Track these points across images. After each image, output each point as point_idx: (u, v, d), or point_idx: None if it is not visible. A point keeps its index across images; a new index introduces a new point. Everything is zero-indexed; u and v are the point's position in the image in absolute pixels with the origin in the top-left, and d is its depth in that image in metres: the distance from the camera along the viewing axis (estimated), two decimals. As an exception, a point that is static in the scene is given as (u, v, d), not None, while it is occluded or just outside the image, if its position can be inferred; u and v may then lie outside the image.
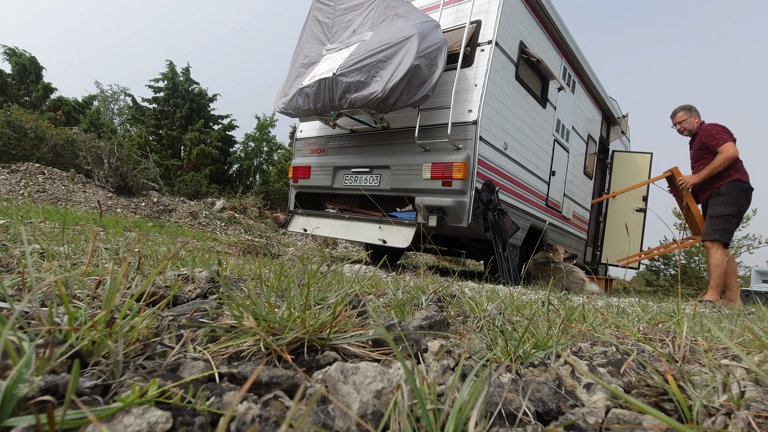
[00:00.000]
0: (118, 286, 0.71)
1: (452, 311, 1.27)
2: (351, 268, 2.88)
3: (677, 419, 0.60)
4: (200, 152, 17.82)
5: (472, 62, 4.09)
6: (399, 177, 4.25)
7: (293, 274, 1.18)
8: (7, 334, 0.44)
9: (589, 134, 6.69)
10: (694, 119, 4.43)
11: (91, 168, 9.12)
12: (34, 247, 1.54)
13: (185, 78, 19.77)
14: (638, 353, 0.86)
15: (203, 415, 0.47)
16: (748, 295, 7.67)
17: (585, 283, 4.35)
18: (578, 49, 5.58)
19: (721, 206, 4.20)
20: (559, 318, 1.11)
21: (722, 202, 4.21)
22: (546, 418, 0.59)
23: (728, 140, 4.15)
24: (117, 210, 7.64)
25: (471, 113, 3.91)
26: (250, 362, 0.66)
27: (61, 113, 16.73)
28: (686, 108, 4.48)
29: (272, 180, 18.26)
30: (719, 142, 4.17)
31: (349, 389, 0.53)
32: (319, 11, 4.62)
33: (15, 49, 17.77)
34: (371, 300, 1.29)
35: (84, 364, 0.55)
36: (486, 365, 0.76)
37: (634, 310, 1.76)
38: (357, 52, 3.86)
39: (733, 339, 1.12)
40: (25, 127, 9.40)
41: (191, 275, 1.29)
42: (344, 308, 0.85)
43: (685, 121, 4.43)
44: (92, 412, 0.41)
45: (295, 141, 5.52)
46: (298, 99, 4.23)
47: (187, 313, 0.88)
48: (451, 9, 4.49)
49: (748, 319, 1.82)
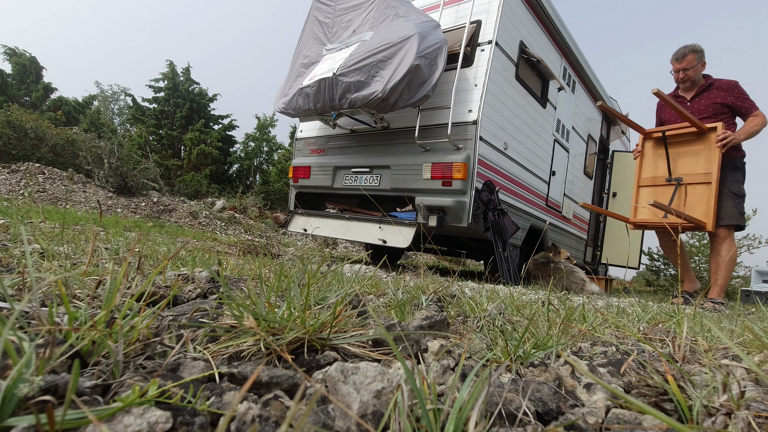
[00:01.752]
0: (118, 286, 0.71)
1: (452, 311, 1.27)
2: (351, 268, 2.88)
3: (677, 419, 0.60)
4: (200, 152, 17.82)
5: (472, 62, 4.09)
6: (399, 177, 4.25)
7: (293, 274, 1.18)
8: (7, 334, 0.44)
9: (590, 134, 6.69)
10: (702, 67, 3.68)
11: (91, 168, 9.12)
12: (34, 247, 1.54)
13: (185, 78, 19.78)
14: (638, 353, 0.86)
15: (203, 415, 0.47)
16: (748, 295, 7.66)
17: (585, 283, 4.35)
18: (578, 48, 5.58)
19: (741, 184, 3.51)
20: (559, 318, 1.11)
21: (742, 180, 3.54)
22: (546, 418, 0.59)
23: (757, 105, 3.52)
24: (117, 210, 7.64)
25: (471, 113, 3.91)
26: (250, 362, 0.66)
27: (61, 113, 16.74)
28: (697, 50, 3.62)
29: (272, 180, 18.26)
30: (754, 105, 3.50)
31: (349, 389, 0.53)
32: (319, 11, 4.62)
33: (15, 49, 17.78)
34: (371, 300, 1.29)
35: (84, 364, 0.55)
36: (486, 365, 0.76)
37: (634, 310, 1.76)
38: (357, 52, 3.87)
39: (733, 339, 1.12)
40: (25, 127, 9.40)
41: (191, 275, 1.29)
42: (344, 308, 0.85)
43: (693, 69, 3.63)
44: (92, 412, 0.41)
45: (295, 141, 5.52)
46: (298, 99, 4.24)
47: (187, 313, 0.88)
48: (451, 9, 4.49)
49: (748, 319, 1.82)
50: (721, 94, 3.57)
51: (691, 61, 3.61)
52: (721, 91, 3.57)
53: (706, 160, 3.42)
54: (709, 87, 3.65)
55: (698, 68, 3.65)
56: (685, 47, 3.64)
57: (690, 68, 3.63)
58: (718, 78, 3.65)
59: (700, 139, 3.54)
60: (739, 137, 3.39)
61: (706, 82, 3.67)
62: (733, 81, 3.57)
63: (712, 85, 3.64)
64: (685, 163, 3.60)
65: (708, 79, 3.68)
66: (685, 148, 3.63)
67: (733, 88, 3.56)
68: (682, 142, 3.67)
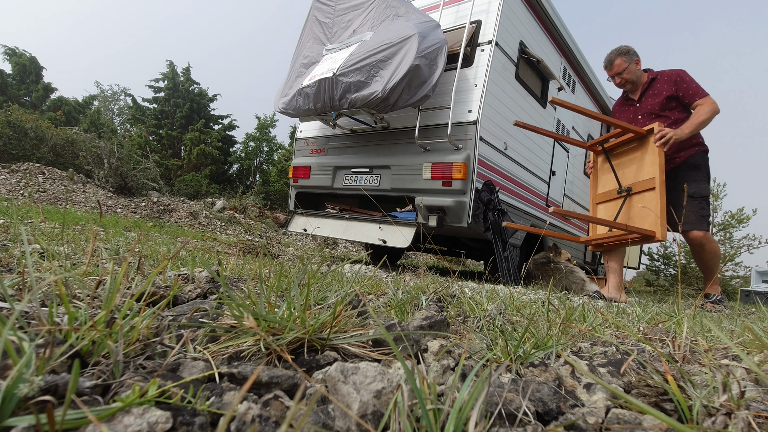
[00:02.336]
0: (118, 286, 0.71)
1: (452, 311, 1.27)
2: (351, 268, 2.88)
3: (677, 419, 0.60)
4: (200, 152, 17.83)
5: (472, 62, 4.09)
6: (399, 177, 4.25)
7: (293, 274, 1.18)
8: (7, 334, 0.44)
9: (589, 134, 6.70)
10: (636, 66, 3.42)
11: (91, 168, 9.13)
12: (34, 247, 1.54)
13: (185, 78, 19.79)
14: (638, 353, 0.86)
15: (203, 415, 0.47)
16: (748, 295, 7.67)
17: (585, 283, 4.35)
18: (578, 48, 5.58)
19: (703, 184, 3.30)
20: (559, 318, 1.11)
21: (702, 179, 3.30)
22: (546, 418, 0.59)
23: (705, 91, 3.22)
24: (117, 210, 7.64)
25: (471, 113, 3.91)
26: (250, 362, 0.66)
27: (61, 113, 16.74)
28: (623, 52, 3.40)
29: (272, 180, 18.28)
30: (700, 92, 3.20)
31: (349, 389, 0.53)
32: (319, 11, 4.62)
33: (15, 49, 17.79)
34: (371, 300, 1.29)
35: (84, 364, 0.55)
36: (486, 365, 0.76)
37: (634, 310, 1.76)
38: (357, 52, 3.87)
39: (733, 339, 1.12)
40: (25, 127, 9.40)
41: (191, 275, 1.29)
42: (344, 308, 0.85)
43: (626, 70, 3.40)
44: (92, 412, 0.41)
45: (295, 141, 5.52)
46: (298, 99, 4.24)
47: (187, 313, 0.88)
48: (451, 9, 4.49)
49: (748, 319, 1.82)
50: (665, 87, 3.32)
51: (621, 64, 3.41)
52: (665, 84, 3.33)
53: (651, 164, 3.12)
54: (653, 83, 3.41)
55: (632, 68, 3.42)
56: (610, 53, 3.46)
57: (622, 71, 3.42)
58: (660, 70, 3.42)
59: (642, 144, 3.26)
60: (682, 132, 3.07)
61: (648, 78, 3.43)
62: (676, 70, 3.32)
63: (655, 80, 3.39)
64: (631, 171, 3.32)
65: (650, 73, 3.44)
66: (630, 156, 3.38)
67: (675, 77, 3.28)
68: (626, 150, 3.42)
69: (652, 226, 3.02)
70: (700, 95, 3.17)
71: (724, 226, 11.89)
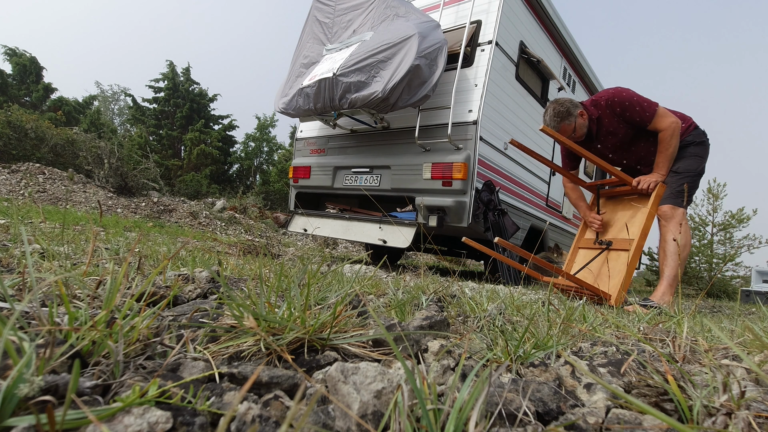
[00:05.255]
0: (118, 286, 0.71)
1: (452, 311, 1.27)
2: (351, 268, 2.88)
3: (677, 419, 0.60)
4: (200, 152, 17.84)
5: (472, 62, 4.09)
6: (399, 177, 4.25)
7: (293, 274, 1.18)
8: (7, 334, 0.44)
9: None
10: (580, 116, 2.94)
11: (92, 168, 9.13)
12: (34, 247, 1.54)
13: (185, 78, 19.80)
14: (638, 353, 0.86)
15: (203, 415, 0.47)
16: (748, 295, 7.67)
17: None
18: (578, 48, 5.58)
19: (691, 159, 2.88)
20: (560, 318, 1.11)
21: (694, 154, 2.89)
22: (546, 418, 0.59)
23: (655, 103, 2.83)
24: (117, 210, 7.65)
25: (471, 113, 3.91)
26: (250, 362, 0.66)
27: (61, 113, 16.75)
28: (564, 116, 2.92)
29: (272, 180, 18.29)
30: (652, 107, 2.81)
31: (349, 389, 0.53)
32: (319, 11, 4.62)
33: (15, 49, 17.79)
34: (371, 300, 1.29)
35: (84, 364, 0.55)
36: (486, 365, 0.76)
37: (633, 310, 1.76)
38: (357, 52, 3.87)
39: (733, 339, 1.12)
40: (25, 127, 9.41)
41: (191, 275, 1.29)
42: (344, 308, 0.85)
43: (576, 130, 2.96)
44: (92, 412, 0.41)
45: (296, 141, 5.52)
46: (298, 99, 4.24)
47: (188, 313, 0.88)
48: (451, 9, 4.49)
49: (748, 319, 1.82)
50: (614, 123, 2.95)
51: (567, 128, 2.95)
52: (612, 119, 2.95)
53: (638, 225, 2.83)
54: (600, 123, 2.99)
55: (579, 122, 2.95)
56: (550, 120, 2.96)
57: (573, 132, 2.97)
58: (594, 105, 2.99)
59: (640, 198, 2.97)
60: (662, 173, 2.83)
61: (594, 119, 2.99)
62: (610, 101, 2.90)
63: (601, 119, 2.98)
64: (620, 223, 3.02)
65: (590, 112, 2.98)
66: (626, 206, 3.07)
67: (616, 109, 2.89)
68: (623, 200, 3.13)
69: (612, 289, 2.74)
70: (650, 113, 2.81)
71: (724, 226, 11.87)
